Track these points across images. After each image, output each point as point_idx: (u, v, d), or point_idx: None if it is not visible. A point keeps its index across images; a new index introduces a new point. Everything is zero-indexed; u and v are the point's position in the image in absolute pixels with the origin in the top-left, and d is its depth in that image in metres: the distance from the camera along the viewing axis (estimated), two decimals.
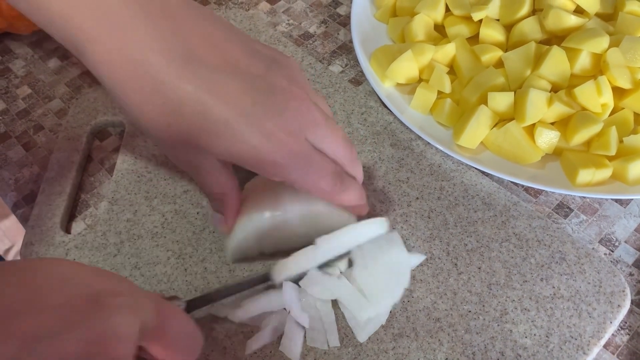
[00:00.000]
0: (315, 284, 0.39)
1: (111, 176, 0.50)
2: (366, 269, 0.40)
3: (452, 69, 0.54)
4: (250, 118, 0.33)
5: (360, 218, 0.41)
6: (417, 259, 0.42)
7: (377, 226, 0.41)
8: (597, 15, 0.53)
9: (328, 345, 0.39)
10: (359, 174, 0.40)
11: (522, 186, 0.48)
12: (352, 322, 0.39)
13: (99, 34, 0.32)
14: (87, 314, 0.25)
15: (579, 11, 0.53)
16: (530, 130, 0.47)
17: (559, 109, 0.47)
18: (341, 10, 0.63)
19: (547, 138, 0.47)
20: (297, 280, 0.40)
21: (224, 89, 0.33)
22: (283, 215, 0.39)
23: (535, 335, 0.39)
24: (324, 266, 0.40)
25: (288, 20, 0.62)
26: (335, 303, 0.41)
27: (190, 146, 0.35)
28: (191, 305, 0.37)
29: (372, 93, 0.54)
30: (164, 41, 0.32)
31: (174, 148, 0.36)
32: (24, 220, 0.49)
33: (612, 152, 0.45)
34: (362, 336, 0.39)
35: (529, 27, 0.52)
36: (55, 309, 0.25)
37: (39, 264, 0.27)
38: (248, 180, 0.42)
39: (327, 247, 0.39)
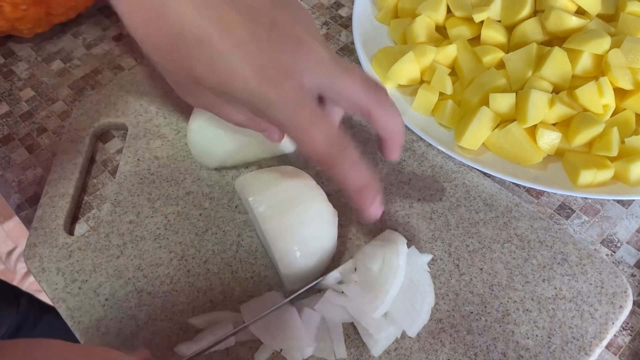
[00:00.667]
0: (331, 307, 0.40)
1: (114, 178, 0.50)
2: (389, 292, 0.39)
3: (454, 71, 0.54)
4: (245, 50, 0.32)
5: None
6: (426, 257, 0.43)
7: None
8: (599, 16, 0.53)
9: (335, 357, 0.39)
10: (394, 124, 0.36)
11: (524, 187, 0.49)
12: (365, 337, 0.39)
13: None
14: None
15: (580, 12, 0.53)
16: (532, 131, 0.47)
17: (560, 110, 0.47)
18: (343, 12, 0.63)
19: (549, 139, 0.47)
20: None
21: (224, 18, 0.32)
22: None
23: (537, 336, 0.39)
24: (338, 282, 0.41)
25: None
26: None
27: (191, 82, 0.34)
28: None
29: None
30: None
31: (185, 87, 0.35)
32: (27, 222, 0.49)
33: (614, 153, 0.45)
34: (376, 350, 0.39)
35: (531, 28, 0.52)
36: None
37: (23, 346, 0.27)
38: None
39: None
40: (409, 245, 0.42)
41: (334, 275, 0.41)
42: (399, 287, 0.39)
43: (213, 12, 0.32)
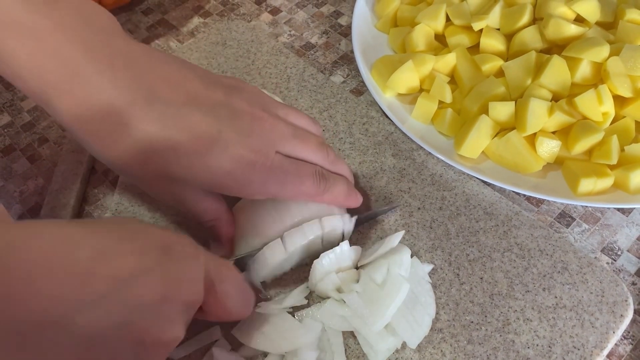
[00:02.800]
0: (333, 316, 0.40)
1: (115, 188, 0.50)
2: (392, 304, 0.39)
3: (453, 79, 0.54)
4: (218, 145, 0.35)
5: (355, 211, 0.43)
6: (427, 267, 0.43)
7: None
8: (598, 24, 0.53)
9: None
10: (344, 171, 0.42)
11: (524, 195, 0.49)
12: (365, 348, 0.39)
13: (66, 87, 0.33)
14: (160, 261, 0.28)
15: (579, 20, 0.53)
16: (532, 139, 0.48)
17: (559, 118, 0.47)
18: (342, 21, 0.63)
19: (548, 147, 0.47)
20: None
21: (188, 122, 0.35)
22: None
23: (537, 345, 0.39)
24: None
25: (290, 31, 0.63)
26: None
27: (169, 180, 0.36)
28: (238, 264, 0.38)
29: (374, 103, 0.54)
30: (127, 88, 0.34)
31: (155, 185, 0.37)
32: None
33: (614, 161, 0.45)
34: None
35: (530, 37, 0.52)
36: (133, 254, 0.27)
37: (111, 220, 0.30)
38: (235, 203, 0.43)
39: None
40: (410, 256, 0.42)
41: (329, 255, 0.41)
42: (401, 302, 0.39)
43: (175, 120, 0.34)
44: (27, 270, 0.23)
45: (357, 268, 0.42)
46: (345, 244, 0.40)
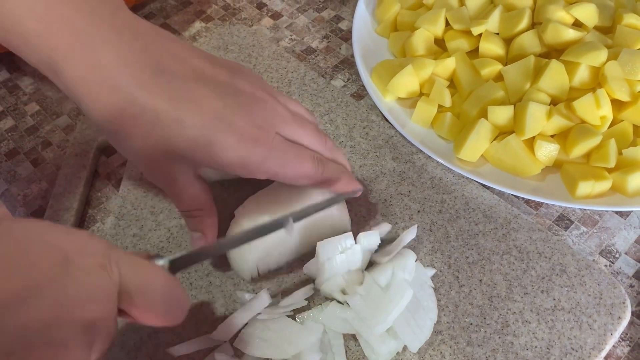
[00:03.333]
0: (335, 318, 0.40)
1: (118, 191, 0.50)
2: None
3: (453, 83, 0.54)
4: (223, 120, 0.35)
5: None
6: (429, 272, 0.43)
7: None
8: (596, 28, 0.54)
9: None
10: (341, 160, 0.42)
11: (523, 199, 0.49)
12: (367, 350, 0.39)
13: (74, 54, 0.33)
14: (56, 276, 0.24)
15: (577, 24, 0.54)
16: (530, 143, 0.48)
17: (558, 122, 0.47)
18: (343, 25, 0.64)
19: (547, 151, 0.47)
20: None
21: (195, 95, 0.35)
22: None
23: (536, 347, 0.40)
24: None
25: (291, 35, 0.63)
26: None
27: (168, 157, 0.36)
28: (175, 265, 0.33)
29: (374, 107, 0.55)
30: (135, 58, 0.34)
31: (151, 161, 0.36)
32: None
33: (611, 165, 0.46)
34: None
35: (528, 41, 0.53)
36: (19, 273, 0.23)
37: (3, 227, 0.25)
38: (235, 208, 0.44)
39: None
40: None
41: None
42: (404, 307, 0.39)
43: (182, 92, 0.35)
44: None
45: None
46: (357, 247, 0.41)
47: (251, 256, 0.41)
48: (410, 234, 0.43)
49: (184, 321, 0.40)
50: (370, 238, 0.41)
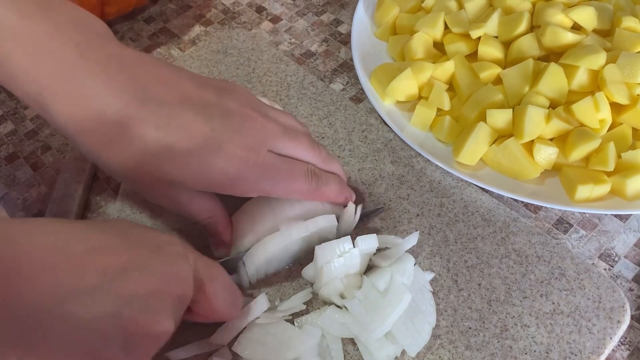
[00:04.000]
0: (334, 322, 0.40)
1: (117, 195, 0.50)
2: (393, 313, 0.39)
3: (452, 86, 0.54)
4: (212, 144, 0.36)
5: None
6: (428, 276, 0.43)
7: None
8: (594, 31, 0.54)
9: None
10: (336, 169, 0.43)
11: (522, 202, 0.49)
12: (365, 355, 0.39)
13: (61, 89, 0.34)
14: (151, 258, 0.29)
15: (576, 28, 0.54)
16: (529, 146, 0.48)
17: (557, 125, 0.47)
18: (342, 29, 0.64)
19: (546, 154, 0.47)
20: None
21: (182, 121, 0.35)
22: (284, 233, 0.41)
23: (535, 351, 0.39)
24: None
25: (290, 39, 0.63)
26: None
27: (163, 182, 0.37)
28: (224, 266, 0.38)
29: (373, 110, 0.55)
30: (121, 90, 0.35)
31: (151, 188, 0.38)
32: None
33: (610, 168, 0.46)
34: None
35: (527, 44, 0.53)
36: (126, 250, 0.29)
37: (104, 221, 0.32)
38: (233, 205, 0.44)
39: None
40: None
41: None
42: (402, 311, 0.39)
43: (169, 119, 0.35)
44: (26, 263, 0.25)
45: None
46: (355, 251, 0.40)
47: (251, 265, 0.41)
48: (411, 240, 0.43)
49: (182, 325, 0.40)
50: (368, 241, 0.41)
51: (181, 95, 0.36)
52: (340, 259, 0.40)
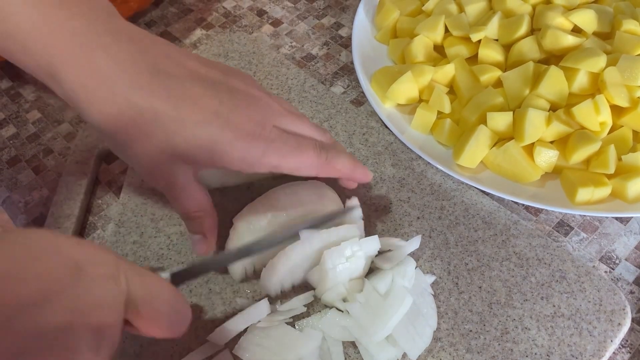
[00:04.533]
0: (335, 325, 0.40)
1: (118, 198, 0.51)
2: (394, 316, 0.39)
3: (452, 89, 0.55)
4: (220, 117, 0.36)
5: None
6: (429, 279, 0.43)
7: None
8: (595, 34, 0.54)
9: None
10: (342, 150, 0.42)
11: (522, 205, 0.49)
12: (366, 358, 0.39)
13: (72, 59, 0.34)
14: (68, 284, 0.25)
15: (576, 30, 0.54)
16: (530, 149, 0.48)
17: (557, 128, 0.47)
18: (343, 32, 0.64)
19: (546, 157, 0.47)
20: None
21: (191, 94, 0.36)
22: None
23: (536, 354, 0.39)
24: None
25: (291, 42, 0.64)
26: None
27: (168, 157, 0.36)
28: (177, 278, 0.34)
29: (373, 114, 0.55)
30: (131, 61, 0.35)
31: (151, 163, 0.37)
32: None
33: (611, 171, 0.46)
34: None
35: (527, 47, 0.53)
36: (34, 279, 0.24)
37: (16, 236, 0.26)
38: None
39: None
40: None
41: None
42: (403, 314, 0.39)
43: (179, 90, 0.35)
44: None
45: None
46: (361, 254, 0.40)
47: (275, 275, 0.41)
48: (413, 244, 0.43)
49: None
50: (371, 244, 0.41)
51: (190, 71, 0.37)
52: (346, 264, 0.40)
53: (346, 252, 0.40)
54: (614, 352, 0.41)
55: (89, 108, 0.35)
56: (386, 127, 0.52)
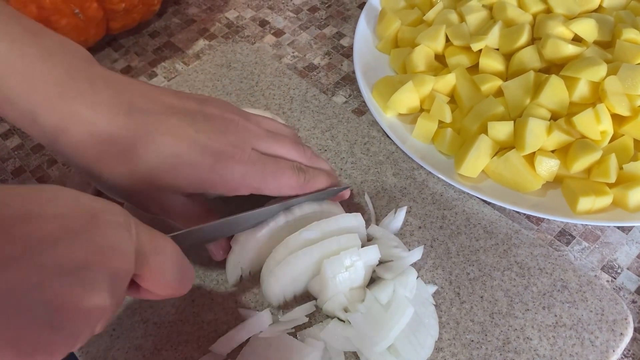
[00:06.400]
0: (336, 336, 0.40)
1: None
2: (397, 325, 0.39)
3: (453, 99, 0.55)
4: (198, 144, 0.38)
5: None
6: (431, 289, 0.43)
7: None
8: (595, 43, 0.54)
9: None
10: (323, 166, 0.44)
11: (524, 214, 0.49)
12: None
13: (52, 106, 0.36)
14: (86, 227, 0.27)
15: (577, 40, 0.54)
16: (531, 158, 0.48)
17: (558, 137, 0.48)
18: (344, 42, 0.65)
19: (547, 166, 0.47)
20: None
21: (168, 125, 0.37)
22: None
23: None
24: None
25: (293, 52, 0.64)
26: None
27: (154, 189, 0.38)
28: (176, 241, 0.35)
29: (375, 123, 0.55)
30: (108, 103, 0.36)
31: (142, 197, 0.38)
32: None
33: (612, 180, 0.46)
34: None
35: (528, 56, 0.53)
36: (57, 218, 0.26)
37: (40, 185, 0.28)
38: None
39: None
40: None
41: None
42: (405, 324, 0.39)
43: (156, 125, 0.37)
44: None
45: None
46: (360, 264, 0.41)
47: (277, 285, 0.41)
48: (415, 255, 0.44)
49: (187, 339, 0.41)
50: (370, 253, 0.41)
51: (165, 105, 0.39)
52: (346, 273, 0.40)
53: (346, 261, 0.40)
54: None
55: (67, 147, 0.36)
56: (387, 136, 0.53)
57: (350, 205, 0.48)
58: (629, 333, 0.41)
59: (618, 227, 0.48)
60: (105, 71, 0.39)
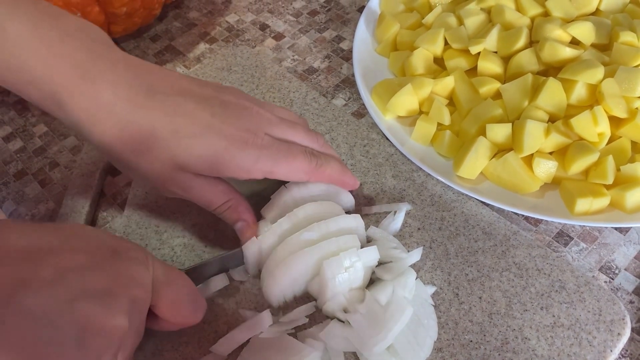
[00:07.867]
0: (336, 336, 0.40)
1: (123, 211, 0.51)
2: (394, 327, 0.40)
3: (452, 101, 0.55)
4: (213, 127, 0.39)
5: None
6: (430, 289, 0.43)
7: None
8: (593, 46, 0.54)
9: None
10: (334, 154, 0.45)
11: (522, 215, 0.49)
12: None
13: (75, 88, 0.37)
14: (110, 260, 0.31)
15: (574, 42, 0.54)
16: (529, 160, 0.48)
17: (556, 139, 0.48)
18: (344, 45, 0.65)
19: (545, 168, 0.48)
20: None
21: (185, 109, 0.39)
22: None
23: None
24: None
25: (293, 55, 0.65)
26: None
27: (174, 168, 0.39)
28: (188, 274, 0.39)
29: (374, 125, 0.56)
30: (128, 84, 0.38)
31: (160, 175, 0.40)
32: None
33: (609, 181, 0.46)
34: None
35: (526, 59, 0.53)
36: (81, 251, 0.30)
37: (68, 225, 0.33)
38: None
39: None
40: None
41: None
42: (404, 324, 0.39)
43: (174, 106, 0.39)
44: None
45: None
46: (359, 264, 0.41)
47: (277, 285, 0.42)
48: (414, 256, 0.44)
49: (187, 340, 0.41)
50: (369, 254, 0.41)
51: (183, 89, 0.40)
52: (345, 274, 0.40)
53: (345, 262, 0.40)
54: None
55: (93, 131, 0.38)
56: (387, 139, 0.53)
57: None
58: (627, 333, 0.41)
59: (615, 228, 0.48)
60: (125, 54, 0.40)
